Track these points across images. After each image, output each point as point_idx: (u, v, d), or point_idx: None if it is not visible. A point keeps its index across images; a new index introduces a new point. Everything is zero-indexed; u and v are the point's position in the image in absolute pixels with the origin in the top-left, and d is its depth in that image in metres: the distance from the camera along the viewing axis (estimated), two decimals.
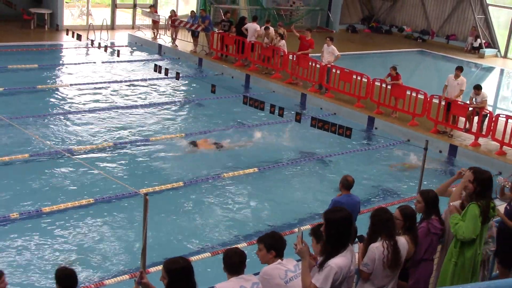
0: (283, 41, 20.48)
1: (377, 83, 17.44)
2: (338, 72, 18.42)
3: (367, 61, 26.65)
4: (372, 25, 35.63)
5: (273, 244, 5.74)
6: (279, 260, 5.71)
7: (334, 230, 5.46)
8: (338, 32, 33.05)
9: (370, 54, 28.55)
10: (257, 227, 10.57)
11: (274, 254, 5.70)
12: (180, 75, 16.76)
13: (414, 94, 16.51)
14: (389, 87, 17.09)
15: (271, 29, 21.10)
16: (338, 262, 5.39)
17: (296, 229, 6.53)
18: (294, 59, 19.62)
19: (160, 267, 7.98)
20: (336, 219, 5.48)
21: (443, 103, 15.93)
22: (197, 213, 10.91)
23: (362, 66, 21.45)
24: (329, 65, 18.55)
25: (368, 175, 13.43)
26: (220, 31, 22.47)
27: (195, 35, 23.64)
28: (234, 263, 5.43)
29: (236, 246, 6.17)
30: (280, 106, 12.34)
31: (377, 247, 5.98)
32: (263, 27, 21.35)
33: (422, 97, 16.42)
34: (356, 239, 6.82)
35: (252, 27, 21.58)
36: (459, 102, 15.66)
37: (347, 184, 8.76)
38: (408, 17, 35.43)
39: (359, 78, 17.82)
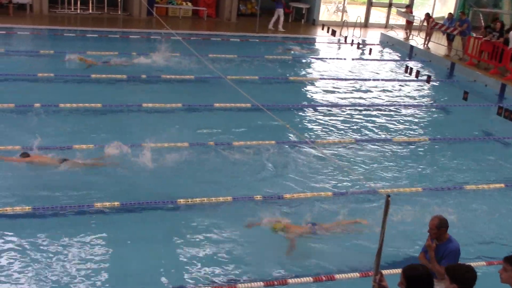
0: None
1: None
2: None
3: None
4: None
5: None
6: None
7: None
8: None
9: None
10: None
11: None
12: (431, 79, 16.28)
13: None
14: None
15: None
16: None
17: None
18: None
19: (391, 271, 7.91)
20: None
21: None
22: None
23: None
24: None
25: None
26: (487, 39, 21.11)
27: (450, 39, 22.82)
28: (467, 279, 5.14)
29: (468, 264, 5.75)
30: None
31: None
32: None
33: None
34: None
35: None
36: None
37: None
38: None
39: None
